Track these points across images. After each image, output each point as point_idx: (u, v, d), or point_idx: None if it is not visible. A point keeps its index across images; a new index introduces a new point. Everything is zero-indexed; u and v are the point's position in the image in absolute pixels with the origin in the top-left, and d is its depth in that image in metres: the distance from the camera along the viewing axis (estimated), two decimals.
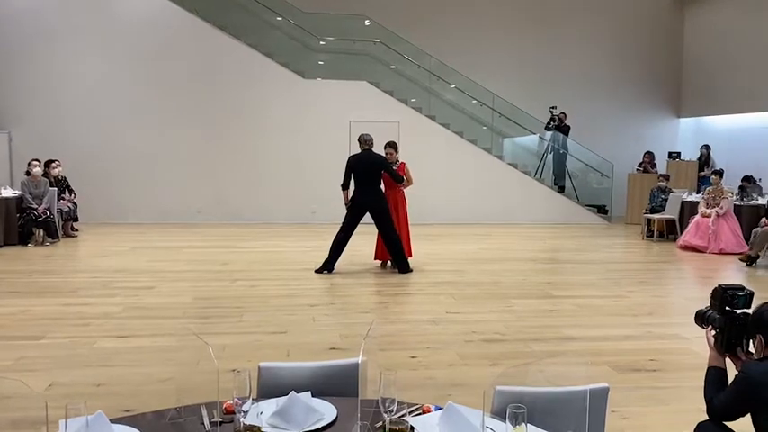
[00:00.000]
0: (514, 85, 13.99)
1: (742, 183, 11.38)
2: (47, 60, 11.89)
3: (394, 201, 8.00)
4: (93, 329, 5.30)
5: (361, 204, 7.67)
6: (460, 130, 13.32)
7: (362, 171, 7.62)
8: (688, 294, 7.38)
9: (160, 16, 12.13)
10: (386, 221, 7.69)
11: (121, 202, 12.14)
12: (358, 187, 7.68)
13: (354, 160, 7.72)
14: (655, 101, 15.34)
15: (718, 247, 9.82)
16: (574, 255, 9.73)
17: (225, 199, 12.47)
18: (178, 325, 5.40)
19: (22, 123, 11.93)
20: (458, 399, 2.25)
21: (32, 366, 4.41)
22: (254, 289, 6.89)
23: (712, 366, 2.39)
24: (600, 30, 14.73)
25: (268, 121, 12.49)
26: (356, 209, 7.71)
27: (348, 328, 5.48)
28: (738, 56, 13.56)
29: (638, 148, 14.39)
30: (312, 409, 1.99)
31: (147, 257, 8.69)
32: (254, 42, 12.48)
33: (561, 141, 13.95)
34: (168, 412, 2.03)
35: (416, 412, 2.02)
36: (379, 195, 7.70)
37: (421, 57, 13.28)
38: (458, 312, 6.03)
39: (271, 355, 4.62)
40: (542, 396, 2.12)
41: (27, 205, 9.61)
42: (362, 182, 7.65)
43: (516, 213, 13.06)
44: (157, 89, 12.17)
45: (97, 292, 6.61)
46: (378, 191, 7.72)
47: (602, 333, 5.44)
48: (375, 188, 7.69)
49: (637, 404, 3.88)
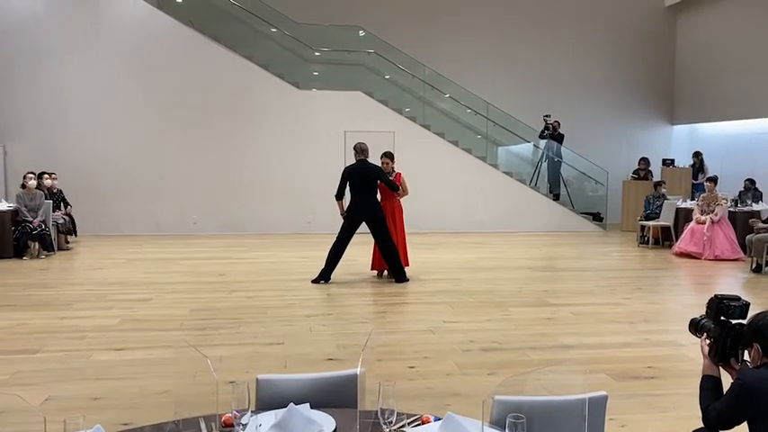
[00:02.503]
0: (508, 93, 14.06)
1: (746, 183, 11.49)
2: (42, 74, 11.90)
3: (390, 210, 8.01)
4: (89, 342, 5.27)
5: (357, 214, 7.68)
6: (455, 139, 13.37)
7: (358, 181, 7.64)
8: (684, 301, 7.40)
9: (155, 29, 12.16)
10: (382, 231, 7.69)
11: (117, 214, 12.12)
12: (354, 197, 7.69)
13: (350, 170, 7.74)
14: (648, 108, 15.43)
15: (713, 254, 9.86)
16: (570, 262, 9.75)
17: (221, 210, 12.46)
18: (175, 337, 5.38)
19: (17, 137, 11.92)
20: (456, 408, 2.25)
21: (28, 381, 4.38)
22: (251, 300, 6.87)
23: (707, 375, 2.39)
24: (593, 38, 14.83)
25: (263, 131, 12.51)
26: (352, 218, 7.71)
27: (345, 338, 5.47)
28: (730, 63, 13.66)
29: (632, 155, 14.46)
30: (311, 420, 1.98)
31: (142, 269, 8.66)
32: (250, 54, 12.53)
33: (555, 149, 14.01)
34: (167, 425, 2.03)
35: (415, 423, 2.02)
36: (375, 205, 7.71)
37: (415, 66, 13.34)
38: (455, 321, 6.03)
39: (268, 367, 4.61)
40: (541, 405, 2.12)
41: (22, 218, 9.58)
42: (358, 192, 7.66)
43: (512, 222, 13.09)
44: (152, 102, 12.18)
45: (93, 305, 6.59)
46: (374, 200, 7.73)
47: (600, 341, 5.45)
48: (371, 198, 7.71)
49: (635, 411, 3.88)
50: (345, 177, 7.69)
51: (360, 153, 7.74)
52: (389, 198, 8.02)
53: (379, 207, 7.73)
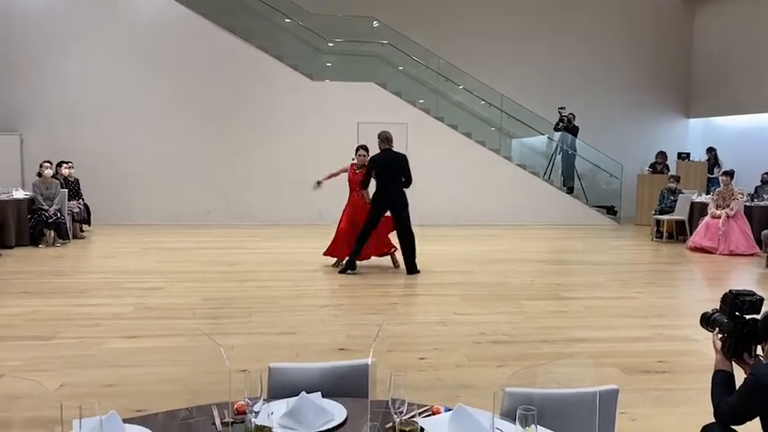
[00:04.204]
0: (523, 85, 13.96)
1: (763, 176, 11.35)
2: (58, 63, 11.99)
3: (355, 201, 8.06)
4: (103, 330, 5.33)
5: (386, 201, 7.68)
6: (469, 131, 13.31)
7: (386, 169, 7.65)
8: (698, 296, 7.35)
9: (170, 19, 12.20)
10: (405, 220, 7.73)
11: (131, 204, 12.20)
12: (380, 186, 7.69)
13: (375, 160, 7.74)
14: (664, 101, 15.28)
15: (728, 249, 9.76)
16: (583, 256, 9.70)
17: (233, 200, 12.52)
18: (188, 325, 5.42)
19: (33, 125, 12.03)
20: (466, 400, 2.26)
21: (43, 366, 4.44)
22: (263, 290, 6.91)
23: (719, 370, 2.38)
24: (609, 30, 14.69)
25: (277, 122, 12.53)
26: (381, 205, 7.71)
27: (356, 329, 5.49)
28: (748, 56, 13.48)
29: (647, 148, 14.33)
30: (322, 409, 1.99)
31: (156, 258, 8.73)
32: (264, 45, 12.53)
33: (570, 142, 13.91)
34: (180, 412, 2.05)
35: (426, 413, 2.03)
36: (401, 193, 7.71)
37: (429, 58, 13.27)
38: (466, 314, 6.03)
39: (279, 356, 4.64)
40: (552, 398, 2.12)
41: (38, 206, 9.68)
42: (385, 181, 7.66)
43: (525, 214, 13.03)
44: (167, 91, 12.24)
45: (107, 293, 6.66)
46: (400, 189, 7.70)
47: (612, 335, 5.43)
48: (399, 185, 7.69)
49: (646, 406, 3.86)
50: (371, 167, 7.70)
51: (384, 142, 7.74)
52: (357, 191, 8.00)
53: (404, 195, 7.73)
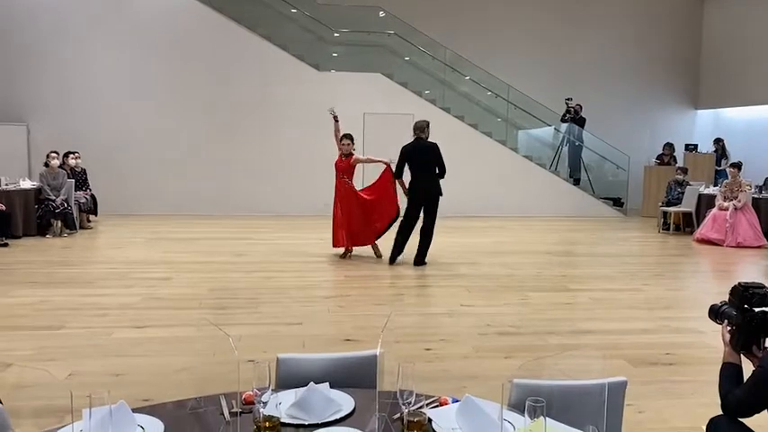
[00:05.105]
0: (530, 76, 13.88)
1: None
2: (64, 54, 11.99)
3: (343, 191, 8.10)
4: (111, 320, 5.36)
5: (420, 190, 7.64)
6: (475, 122, 13.26)
7: (419, 159, 7.60)
8: (705, 288, 7.32)
9: (176, 9, 12.18)
10: (434, 210, 7.71)
11: (137, 194, 12.24)
12: (414, 176, 7.66)
13: (407, 149, 7.70)
14: (672, 92, 15.17)
15: (735, 241, 9.72)
16: (589, 248, 9.68)
17: (239, 191, 12.53)
18: (195, 316, 5.45)
19: (40, 116, 12.05)
20: (472, 391, 2.26)
21: (52, 356, 4.47)
22: (270, 280, 6.93)
23: (727, 362, 2.37)
24: (617, 20, 14.58)
25: (283, 113, 12.51)
26: (416, 195, 7.68)
27: (362, 320, 5.50)
28: (757, 47, 13.37)
29: (655, 140, 14.26)
30: (331, 400, 2.00)
31: (163, 249, 8.76)
32: (269, 34, 12.50)
33: (576, 133, 13.85)
34: (188, 402, 2.06)
35: (433, 404, 2.03)
36: (437, 182, 7.64)
37: (435, 48, 13.22)
38: (473, 305, 6.03)
39: (286, 347, 4.64)
40: (560, 390, 2.11)
41: (45, 197, 9.72)
42: (418, 170, 7.62)
43: (531, 206, 13.00)
44: (173, 82, 12.24)
45: (115, 283, 6.69)
46: (434, 178, 7.63)
47: (619, 326, 5.42)
48: (433, 174, 7.62)
49: (653, 398, 3.86)
50: (404, 157, 7.67)
51: (416, 131, 7.70)
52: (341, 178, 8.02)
53: (438, 186, 7.67)
